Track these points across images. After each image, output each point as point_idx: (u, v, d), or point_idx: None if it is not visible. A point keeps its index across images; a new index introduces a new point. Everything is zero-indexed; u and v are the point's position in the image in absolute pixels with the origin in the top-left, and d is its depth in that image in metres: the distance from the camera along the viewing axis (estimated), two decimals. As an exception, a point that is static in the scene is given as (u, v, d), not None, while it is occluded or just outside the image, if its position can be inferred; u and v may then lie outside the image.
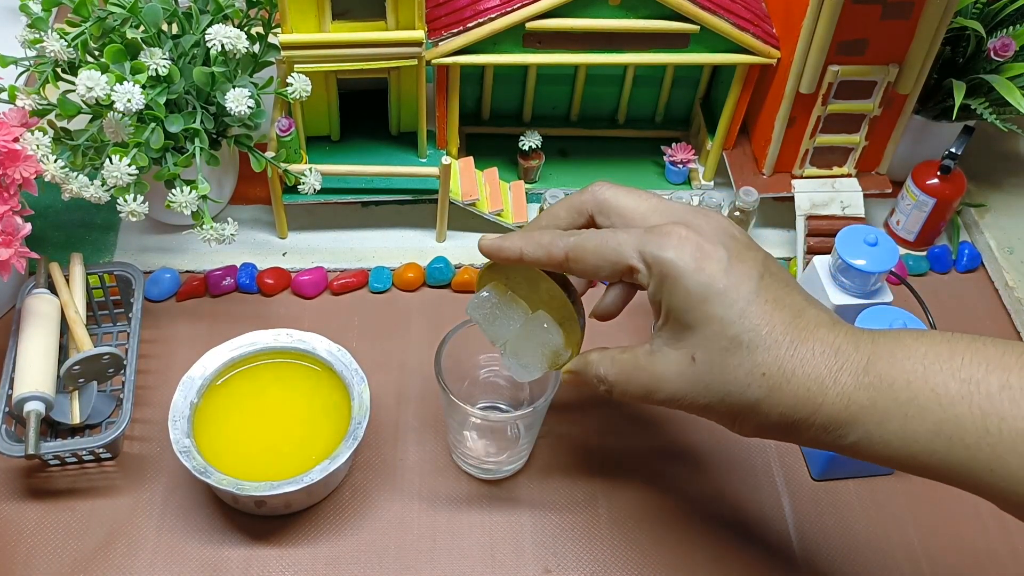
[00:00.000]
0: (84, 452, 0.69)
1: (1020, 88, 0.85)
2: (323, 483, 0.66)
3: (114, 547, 0.68)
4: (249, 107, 0.74)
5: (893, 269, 0.72)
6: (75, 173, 0.73)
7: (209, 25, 0.75)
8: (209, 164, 0.77)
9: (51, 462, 0.70)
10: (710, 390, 0.52)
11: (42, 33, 0.74)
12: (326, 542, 0.69)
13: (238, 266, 0.85)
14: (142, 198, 0.73)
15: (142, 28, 0.74)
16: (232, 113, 0.73)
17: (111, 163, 0.71)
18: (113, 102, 0.69)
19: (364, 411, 0.69)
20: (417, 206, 0.90)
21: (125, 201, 0.72)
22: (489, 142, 0.94)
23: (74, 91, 0.71)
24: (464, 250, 0.88)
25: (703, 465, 0.76)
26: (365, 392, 0.70)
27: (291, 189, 0.83)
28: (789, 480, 0.75)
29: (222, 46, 0.72)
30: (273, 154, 0.80)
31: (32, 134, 0.72)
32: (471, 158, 0.89)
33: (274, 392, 0.72)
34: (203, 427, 0.69)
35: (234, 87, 0.74)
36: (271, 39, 0.80)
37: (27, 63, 0.77)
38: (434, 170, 0.83)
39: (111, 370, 0.73)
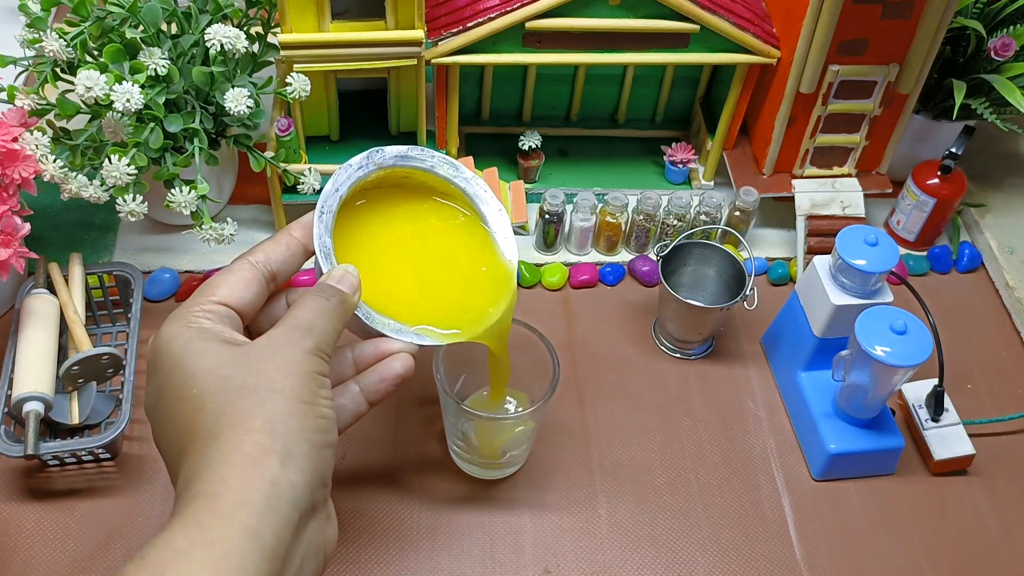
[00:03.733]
0: (83, 452, 0.69)
1: (1020, 88, 0.85)
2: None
3: (114, 547, 0.68)
4: (248, 107, 0.73)
5: (893, 269, 0.72)
6: (74, 173, 0.73)
7: (208, 25, 0.75)
8: (208, 164, 0.77)
9: (50, 462, 0.70)
10: None
11: (41, 33, 0.74)
12: (326, 542, 0.69)
13: (237, 266, 0.85)
14: (141, 198, 0.73)
15: (141, 28, 0.74)
16: (231, 113, 0.73)
17: (110, 163, 0.71)
18: (112, 102, 0.69)
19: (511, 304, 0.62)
20: (417, 206, 0.90)
21: (124, 201, 0.72)
22: (489, 142, 0.94)
23: (73, 91, 0.71)
24: (464, 250, 0.88)
25: (703, 465, 0.75)
26: (514, 280, 0.63)
27: (290, 189, 0.83)
28: (789, 480, 0.75)
29: (221, 46, 0.72)
30: (272, 154, 0.80)
31: (31, 134, 0.72)
32: (471, 158, 0.89)
33: (427, 225, 0.63)
34: (345, 238, 0.60)
35: (233, 87, 0.74)
36: (270, 39, 0.80)
37: (26, 63, 0.77)
38: (434, 170, 0.83)
39: (110, 370, 0.72)
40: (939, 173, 0.87)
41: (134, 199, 0.72)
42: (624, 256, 0.90)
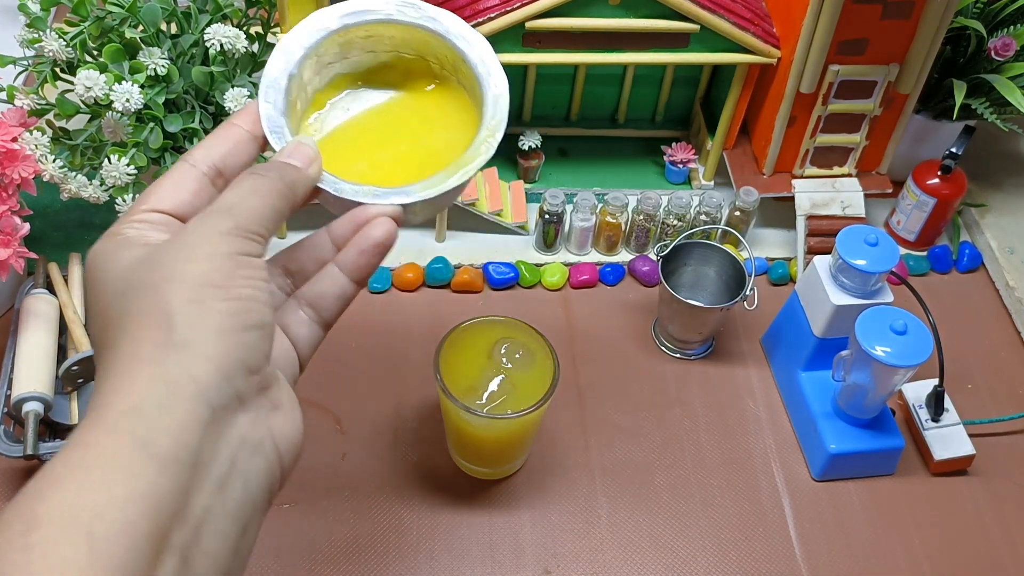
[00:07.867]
0: (83, 452, 0.69)
1: (1021, 88, 0.85)
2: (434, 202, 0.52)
3: (113, 548, 0.68)
4: (248, 107, 0.73)
5: (893, 269, 0.72)
6: (74, 173, 0.73)
7: (208, 24, 0.75)
8: (208, 164, 0.77)
9: (50, 462, 0.70)
10: None
11: (41, 33, 0.74)
12: (326, 543, 0.69)
13: (237, 266, 0.85)
14: (141, 198, 0.73)
15: (141, 28, 0.74)
16: (231, 113, 0.73)
17: (110, 163, 0.71)
18: (112, 102, 0.69)
19: (500, 122, 0.55)
20: (417, 206, 0.90)
21: (124, 201, 0.72)
22: (489, 142, 0.94)
23: (73, 91, 0.71)
24: (463, 250, 0.88)
25: (703, 465, 0.75)
26: (503, 101, 0.55)
27: (290, 189, 0.83)
28: (789, 480, 0.75)
29: (221, 46, 0.72)
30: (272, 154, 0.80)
31: (31, 134, 0.72)
32: (471, 158, 0.89)
33: (398, 97, 0.58)
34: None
35: (233, 86, 0.74)
36: (270, 39, 0.80)
37: (26, 63, 0.77)
38: (434, 170, 0.83)
39: (110, 370, 0.72)
40: (939, 173, 0.87)
41: (134, 199, 0.72)
42: (624, 256, 0.89)
